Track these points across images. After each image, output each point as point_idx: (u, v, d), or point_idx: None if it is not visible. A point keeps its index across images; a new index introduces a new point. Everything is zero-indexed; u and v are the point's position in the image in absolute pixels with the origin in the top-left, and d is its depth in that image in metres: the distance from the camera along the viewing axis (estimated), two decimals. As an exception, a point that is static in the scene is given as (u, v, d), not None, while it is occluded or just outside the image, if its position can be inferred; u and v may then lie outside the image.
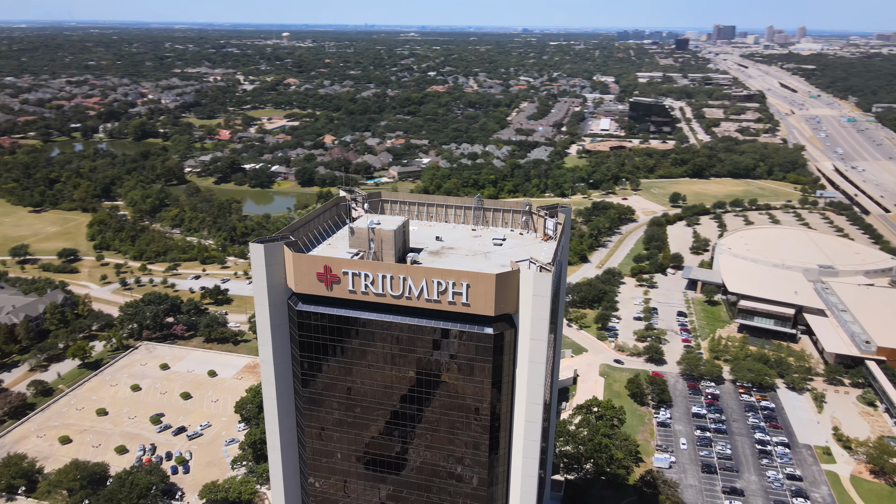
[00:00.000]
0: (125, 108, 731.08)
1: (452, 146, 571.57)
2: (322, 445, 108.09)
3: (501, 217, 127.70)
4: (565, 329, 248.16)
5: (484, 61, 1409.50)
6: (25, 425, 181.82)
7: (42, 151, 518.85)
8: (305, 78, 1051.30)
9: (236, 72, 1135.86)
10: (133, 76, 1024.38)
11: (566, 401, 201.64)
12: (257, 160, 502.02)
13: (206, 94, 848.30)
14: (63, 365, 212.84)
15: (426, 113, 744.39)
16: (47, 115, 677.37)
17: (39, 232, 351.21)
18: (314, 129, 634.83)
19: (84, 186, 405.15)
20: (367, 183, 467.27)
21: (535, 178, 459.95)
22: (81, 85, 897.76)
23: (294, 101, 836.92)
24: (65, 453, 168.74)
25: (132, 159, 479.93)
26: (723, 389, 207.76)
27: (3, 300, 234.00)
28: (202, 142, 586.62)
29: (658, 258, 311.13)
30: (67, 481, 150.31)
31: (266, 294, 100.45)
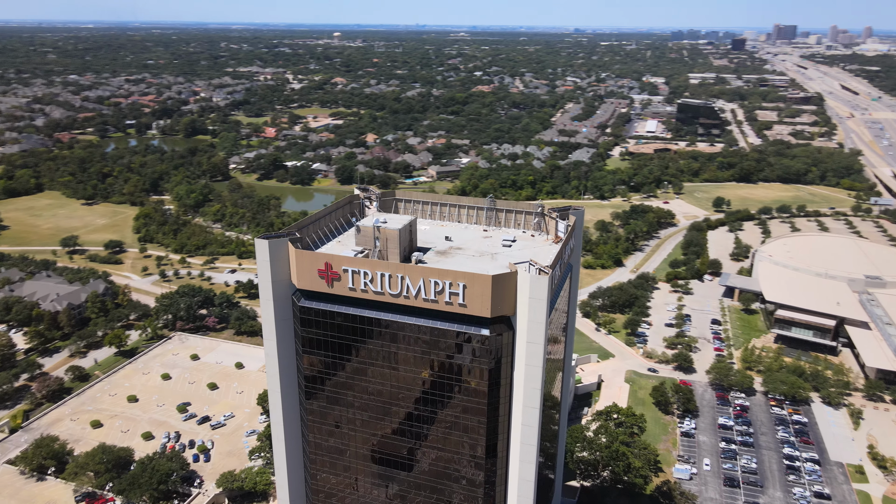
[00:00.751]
0: (178, 105, 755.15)
1: (493, 146, 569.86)
2: (322, 440, 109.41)
3: (514, 218, 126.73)
4: (592, 334, 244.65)
5: (531, 61, 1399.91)
6: (61, 409, 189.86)
7: (97, 147, 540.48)
8: (352, 77, 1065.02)
9: (286, 71, 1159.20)
10: (188, 75, 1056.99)
11: (588, 406, 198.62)
12: (299, 158, 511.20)
13: (256, 93, 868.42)
14: (100, 352, 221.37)
15: (469, 113, 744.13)
16: (105, 111, 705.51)
17: (90, 224, 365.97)
18: (357, 128, 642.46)
19: (133, 181, 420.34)
20: (405, 182, 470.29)
21: (575, 180, 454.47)
22: (139, 83, 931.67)
23: (340, 99, 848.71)
24: (95, 437, 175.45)
25: (180, 155, 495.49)
26: (753, 401, 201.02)
27: (49, 288, 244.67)
28: (248, 139, 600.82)
29: (695, 264, 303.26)
30: (93, 464, 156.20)
31: (270, 289, 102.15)
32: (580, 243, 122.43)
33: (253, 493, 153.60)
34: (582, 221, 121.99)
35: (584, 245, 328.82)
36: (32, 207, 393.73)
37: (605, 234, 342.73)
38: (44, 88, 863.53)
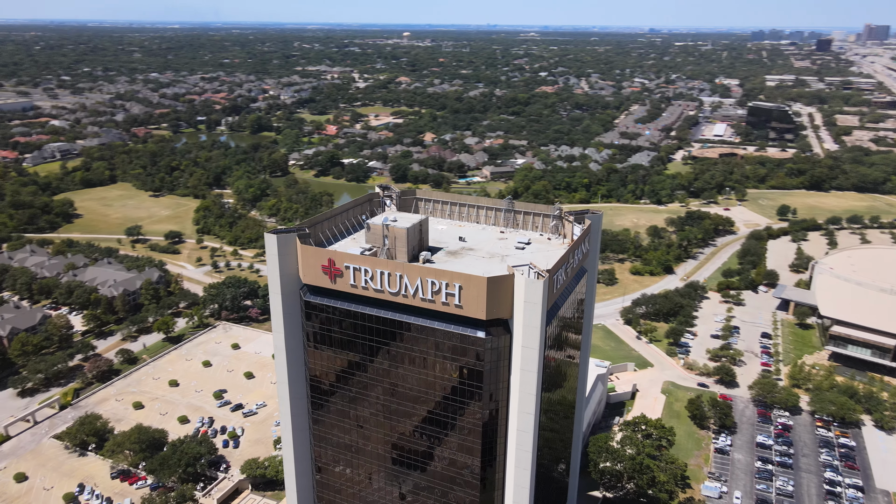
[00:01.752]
0: (247, 102, 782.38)
1: (551, 148, 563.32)
2: (326, 434, 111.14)
3: (532, 220, 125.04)
4: (633, 342, 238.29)
5: (599, 62, 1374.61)
6: (108, 389, 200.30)
7: (169, 141, 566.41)
8: (417, 76, 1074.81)
9: (353, 70, 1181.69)
10: (259, 73, 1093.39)
11: (620, 416, 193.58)
12: (356, 155, 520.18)
13: (322, 91, 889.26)
14: (150, 337, 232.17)
15: (530, 114, 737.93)
16: (179, 108, 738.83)
17: (154, 215, 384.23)
18: (416, 127, 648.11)
19: (198, 175, 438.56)
20: (458, 182, 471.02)
21: (632, 184, 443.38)
22: (212, 81, 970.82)
23: (402, 98, 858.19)
24: (135, 417, 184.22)
25: (243, 151, 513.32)
26: (797, 421, 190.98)
27: (109, 274, 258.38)
28: (310, 136, 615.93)
29: (750, 274, 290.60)
30: (129, 443, 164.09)
31: (279, 283, 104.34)
32: (597, 247, 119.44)
33: (275, 481, 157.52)
34: (599, 225, 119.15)
35: (633, 251, 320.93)
36: (105, 198, 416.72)
37: (656, 240, 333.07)
38: (126, 85, 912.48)
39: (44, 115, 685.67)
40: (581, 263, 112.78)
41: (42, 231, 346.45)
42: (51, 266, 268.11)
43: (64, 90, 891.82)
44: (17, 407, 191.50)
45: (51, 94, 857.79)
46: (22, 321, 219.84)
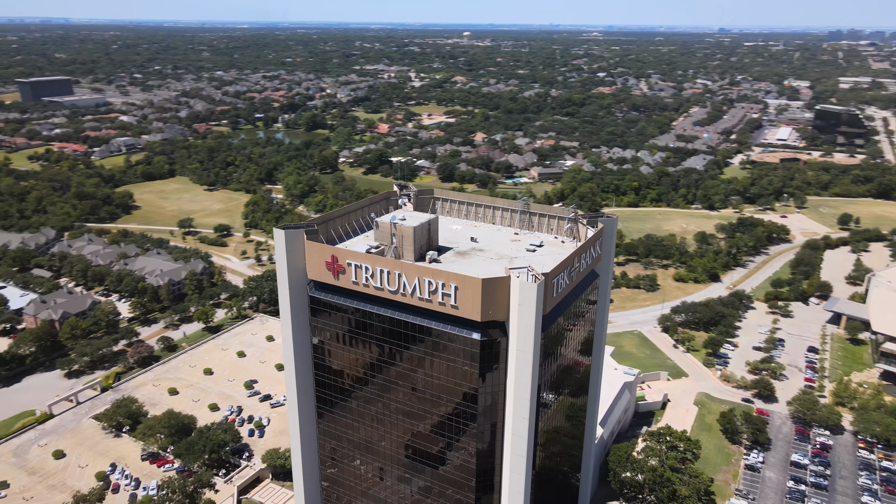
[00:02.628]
0: (304, 100, 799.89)
1: (603, 150, 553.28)
2: (328, 426, 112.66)
3: (547, 223, 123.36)
4: (669, 350, 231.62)
5: (661, 63, 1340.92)
6: (147, 374, 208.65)
7: (226, 137, 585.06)
8: (473, 76, 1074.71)
9: (410, 69, 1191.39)
10: (318, 72, 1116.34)
11: (648, 425, 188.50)
12: (405, 154, 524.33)
13: (378, 90, 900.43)
14: (190, 326, 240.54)
15: (585, 115, 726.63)
16: (240, 105, 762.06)
17: (207, 208, 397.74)
18: (468, 126, 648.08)
19: (250, 170, 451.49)
20: (505, 182, 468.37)
21: (683, 188, 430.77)
22: (273, 79, 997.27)
23: (456, 98, 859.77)
24: (168, 403, 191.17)
25: (295, 148, 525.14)
26: (838, 441, 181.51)
27: (157, 264, 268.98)
28: (361, 134, 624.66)
29: (801, 285, 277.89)
30: (159, 427, 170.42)
31: (287, 277, 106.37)
32: (611, 252, 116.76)
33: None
34: (613, 229, 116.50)
35: (678, 257, 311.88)
36: (163, 191, 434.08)
37: (703, 247, 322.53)
38: (192, 83, 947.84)
39: (114, 111, 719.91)
40: (591, 267, 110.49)
41: (102, 221, 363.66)
42: (105, 255, 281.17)
43: (135, 87, 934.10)
44: (63, 387, 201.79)
45: (122, 90, 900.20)
46: (73, 306, 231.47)
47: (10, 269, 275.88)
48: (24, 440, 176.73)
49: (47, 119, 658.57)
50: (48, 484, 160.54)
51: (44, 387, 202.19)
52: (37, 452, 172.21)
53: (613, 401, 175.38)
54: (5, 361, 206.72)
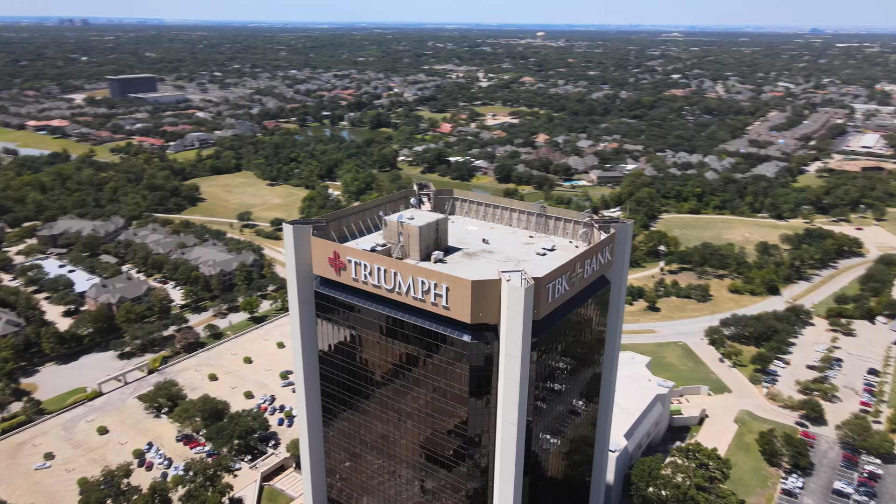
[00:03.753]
0: (371, 99, 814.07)
1: (668, 154, 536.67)
2: (330, 420, 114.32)
3: (563, 227, 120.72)
4: (714, 364, 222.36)
5: (741, 64, 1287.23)
6: (191, 360, 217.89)
7: (292, 134, 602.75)
8: (541, 77, 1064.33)
9: (479, 69, 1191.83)
10: (388, 71, 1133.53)
11: (682, 441, 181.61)
12: (464, 154, 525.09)
13: (444, 90, 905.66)
14: (237, 315, 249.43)
15: (654, 118, 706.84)
16: (309, 103, 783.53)
17: (267, 202, 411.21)
18: (531, 128, 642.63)
19: (311, 166, 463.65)
20: (563, 185, 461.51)
21: (750, 196, 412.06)
22: (343, 78, 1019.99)
23: (522, 98, 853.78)
24: (207, 388, 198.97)
25: (357, 145, 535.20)
26: (889, 471, 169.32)
27: (211, 255, 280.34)
28: (424, 133, 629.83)
29: (868, 302, 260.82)
30: (194, 410, 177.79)
31: (294, 272, 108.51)
32: (625, 258, 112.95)
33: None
34: (627, 235, 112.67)
35: (735, 267, 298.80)
36: (228, 184, 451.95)
37: (764, 258, 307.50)
38: (267, 81, 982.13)
39: (192, 107, 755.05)
40: (600, 273, 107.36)
41: (169, 212, 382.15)
42: (165, 244, 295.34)
43: (213, 85, 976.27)
44: (114, 367, 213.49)
45: (202, 88, 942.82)
46: (130, 291, 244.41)
47: (81, 254, 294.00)
48: (73, 415, 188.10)
49: (131, 114, 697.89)
50: (90, 458, 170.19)
51: (97, 366, 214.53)
52: (83, 427, 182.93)
53: (643, 413, 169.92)
54: (65, 340, 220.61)
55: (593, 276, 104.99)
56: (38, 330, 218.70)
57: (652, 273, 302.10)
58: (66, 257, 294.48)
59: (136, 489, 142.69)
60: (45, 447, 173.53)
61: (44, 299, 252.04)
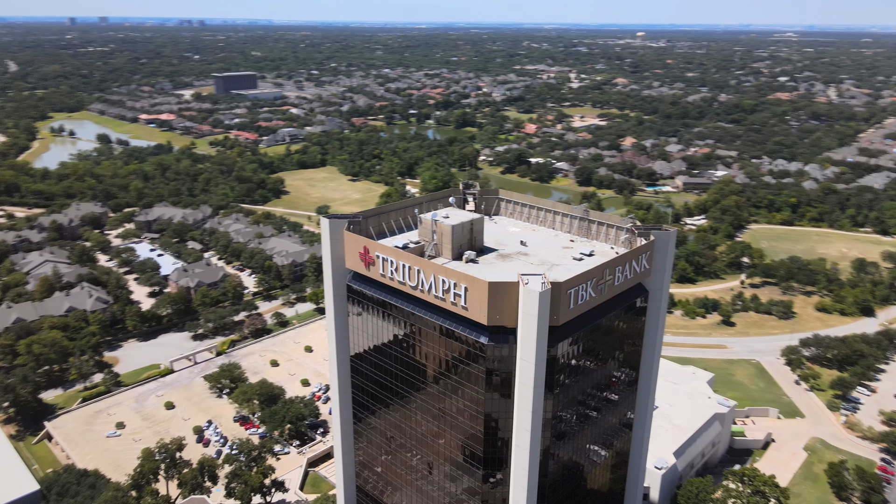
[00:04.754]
0: (459, 98, 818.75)
1: (764, 161, 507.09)
2: (359, 413, 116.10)
3: (605, 231, 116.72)
4: (788, 386, 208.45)
5: (860, 67, 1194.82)
6: (256, 345, 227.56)
7: (377, 132, 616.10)
8: (636, 78, 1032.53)
9: (571, 70, 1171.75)
10: (479, 71, 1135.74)
11: (742, 464, 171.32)
12: (546, 155, 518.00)
13: (533, 90, 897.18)
14: (304, 305, 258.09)
15: (753, 122, 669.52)
16: (397, 101, 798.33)
17: (347, 197, 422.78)
18: (618, 130, 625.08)
19: (392, 163, 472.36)
20: (646, 190, 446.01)
21: (852, 208, 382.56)
22: (434, 77, 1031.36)
23: (613, 100, 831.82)
24: (267, 373, 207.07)
25: (438, 144, 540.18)
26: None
27: (285, 245, 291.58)
28: (507, 134, 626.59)
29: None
30: (252, 393, 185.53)
31: (330, 265, 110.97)
32: (666, 268, 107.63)
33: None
34: (669, 244, 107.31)
35: (824, 284, 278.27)
36: (312, 179, 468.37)
37: (860, 276, 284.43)
38: (360, 80, 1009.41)
39: (287, 104, 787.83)
40: (636, 281, 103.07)
41: (255, 203, 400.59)
42: (245, 233, 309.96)
43: (310, 82, 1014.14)
44: (187, 347, 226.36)
45: (299, 85, 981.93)
46: (207, 277, 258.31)
47: (170, 240, 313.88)
48: (146, 389, 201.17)
49: (231, 109, 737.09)
50: (155, 430, 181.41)
51: (173, 345, 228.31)
52: (153, 401, 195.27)
53: (697, 431, 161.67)
54: (146, 319, 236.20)
55: (627, 284, 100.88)
56: (123, 308, 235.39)
57: (731, 286, 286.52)
58: (157, 242, 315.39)
59: (187, 463, 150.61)
60: (118, 417, 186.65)
61: (133, 280, 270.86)
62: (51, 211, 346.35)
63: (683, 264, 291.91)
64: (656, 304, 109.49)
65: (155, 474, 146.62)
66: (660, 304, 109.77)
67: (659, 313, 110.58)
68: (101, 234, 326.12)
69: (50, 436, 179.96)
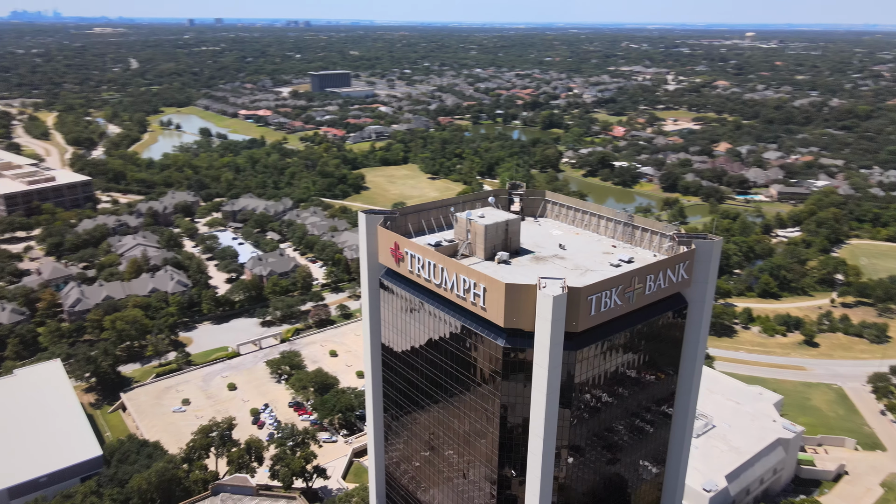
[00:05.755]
0: (548, 99, 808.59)
1: (875, 171, 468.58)
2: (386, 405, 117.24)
3: (648, 238, 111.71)
4: (872, 416, 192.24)
5: None
6: (318, 335, 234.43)
7: (462, 131, 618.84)
8: (739, 81, 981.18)
9: (668, 72, 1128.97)
10: (572, 72, 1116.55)
11: (807, 495, 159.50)
12: (632, 159, 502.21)
13: (626, 92, 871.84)
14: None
15: (866, 129, 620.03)
16: (485, 101, 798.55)
17: (424, 195, 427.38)
18: (712, 135, 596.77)
19: (472, 163, 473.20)
20: (736, 198, 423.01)
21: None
22: (524, 78, 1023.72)
23: (711, 104, 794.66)
24: (325, 363, 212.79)
25: (521, 145, 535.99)
26: None
27: (355, 239, 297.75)
28: (594, 136, 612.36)
29: None
30: (307, 381, 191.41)
31: (366, 260, 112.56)
32: (708, 278, 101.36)
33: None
34: (713, 254, 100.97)
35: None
36: (392, 176, 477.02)
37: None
38: (450, 79, 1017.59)
39: (378, 102, 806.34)
40: (673, 291, 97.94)
41: (335, 197, 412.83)
42: (321, 226, 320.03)
43: (401, 81, 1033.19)
44: (255, 333, 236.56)
45: (390, 84, 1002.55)
46: (279, 266, 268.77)
47: (251, 230, 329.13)
48: (212, 370, 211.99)
49: (324, 106, 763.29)
50: (217, 409, 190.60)
51: (242, 329, 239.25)
52: (218, 382, 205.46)
53: (755, 455, 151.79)
54: (221, 303, 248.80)
55: (661, 294, 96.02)
56: (200, 292, 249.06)
57: (819, 304, 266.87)
58: (239, 231, 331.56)
59: (236, 442, 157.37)
60: (185, 394, 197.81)
61: (213, 266, 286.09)
62: (149, 198, 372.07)
63: (766, 278, 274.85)
64: (697, 317, 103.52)
65: (206, 450, 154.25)
66: (701, 316, 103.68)
67: (700, 326, 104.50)
68: (191, 221, 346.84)
69: (124, 406, 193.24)
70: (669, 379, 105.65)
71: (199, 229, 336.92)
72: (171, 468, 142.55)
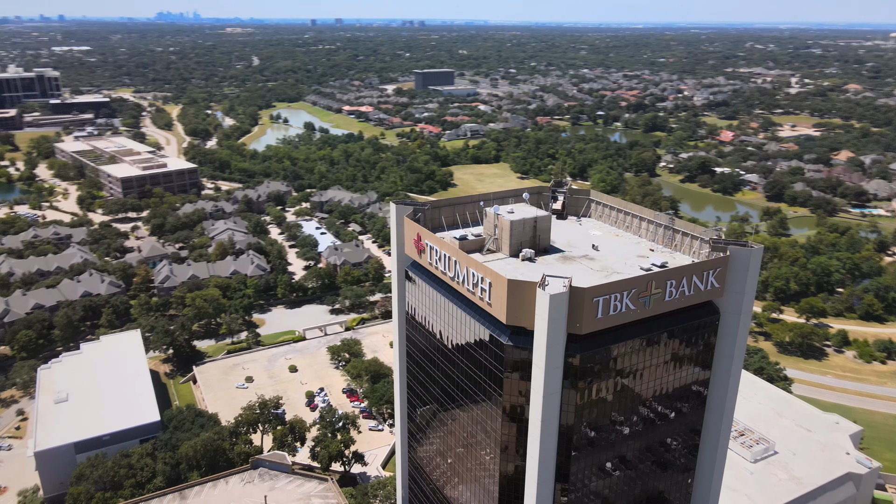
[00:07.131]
0: (654, 101, 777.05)
1: None
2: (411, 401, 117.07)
3: (688, 242, 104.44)
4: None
5: None
6: (381, 326, 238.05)
7: (559, 131, 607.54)
8: (874, 84, 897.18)
9: (793, 74, 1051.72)
10: (684, 73, 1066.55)
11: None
12: (735, 165, 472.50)
13: (741, 95, 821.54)
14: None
15: None
16: (587, 101, 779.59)
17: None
18: (833, 143, 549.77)
19: (564, 164, 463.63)
20: (850, 211, 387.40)
21: None
22: (632, 79, 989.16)
23: (837, 109, 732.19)
24: (383, 353, 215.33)
25: (616, 147, 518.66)
26: None
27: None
28: (699, 140, 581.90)
29: None
30: (361, 369, 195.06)
31: (396, 251, 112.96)
32: (745, 288, 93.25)
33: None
34: (751, 262, 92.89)
35: None
36: (482, 174, 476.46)
37: None
38: (555, 79, 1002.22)
39: (478, 101, 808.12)
40: (702, 299, 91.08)
41: (421, 193, 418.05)
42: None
43: (505, 80, 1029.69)
44: (324, 319, 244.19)
45: (493, 83, 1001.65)
46: (353, 257, 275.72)
47: (335, 221, 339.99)
48: (278, 351, 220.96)
49: (424, 104, 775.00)
50: (276, 388, 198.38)
51: (312, 315, 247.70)
52: (281, 363, 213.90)
53: (818, 488, 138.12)
54: (294, 289, 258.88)
55: (686, 301, 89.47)
56: (277, 277, 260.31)
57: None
58: (323, 221, 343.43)
59: (282, 420, 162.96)
60: (249, 372, 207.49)
61: (294, 253, 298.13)
62: (246, 186, 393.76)
63: (871, 298, 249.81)
64: (731, 330, 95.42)
65: (254, 426, 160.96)
66: (736, 328, 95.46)
67: (735, 339, 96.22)
68: (281, 210, 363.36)
69: (195, 379, 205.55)
70: (698, 389, 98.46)
71: (286, 218, 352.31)
72: (216, 439, 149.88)
